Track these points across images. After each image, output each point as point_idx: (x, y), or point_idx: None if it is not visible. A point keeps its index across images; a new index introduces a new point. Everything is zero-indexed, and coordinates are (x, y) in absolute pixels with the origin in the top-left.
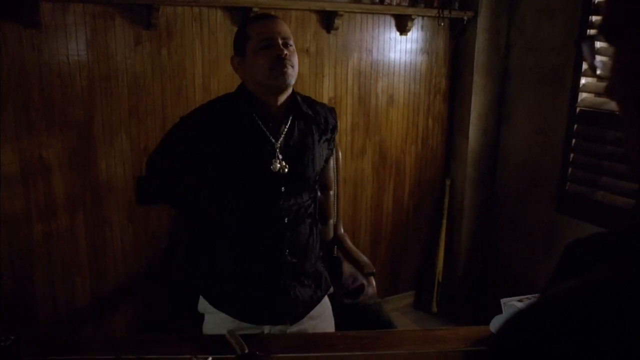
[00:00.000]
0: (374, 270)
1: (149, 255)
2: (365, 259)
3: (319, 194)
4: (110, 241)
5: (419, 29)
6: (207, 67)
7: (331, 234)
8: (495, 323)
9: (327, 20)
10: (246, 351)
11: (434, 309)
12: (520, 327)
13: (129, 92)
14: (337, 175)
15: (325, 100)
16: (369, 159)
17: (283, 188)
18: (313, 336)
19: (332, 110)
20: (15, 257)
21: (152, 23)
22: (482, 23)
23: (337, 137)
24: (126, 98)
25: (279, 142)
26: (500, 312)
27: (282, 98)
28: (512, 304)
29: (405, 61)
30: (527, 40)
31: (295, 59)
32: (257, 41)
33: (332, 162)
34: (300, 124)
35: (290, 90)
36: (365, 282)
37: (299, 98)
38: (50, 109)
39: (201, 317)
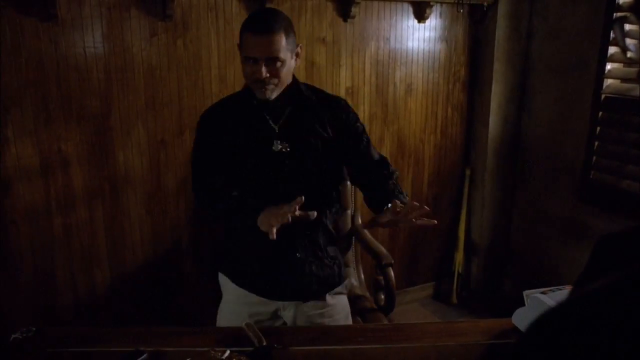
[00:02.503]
0: (392, 262)
1: (167, 246)
2: (383, 250)
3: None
4: (129, 233)
5: (438, 16)
6: (223, 58)
7: (349, 225)
8: (518, 316)
9: (344, 8)
10: (264, 343)
11: (454, 300)
12: (552, 325)
13: (145, 84)
14: None
15: (343, 91)
16: (387, 149)
17: (287, 167)
18: (331, 329)
19: (338, 99)
20: (36, 249)
21: (167, 14)
22: (502, 9)
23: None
24: (142, 90)
25: (278, 125)
26: (522, 304)
27: (274, 95)
28: (535, 296)
29: (424, 49)
30: (550, 27)
31: (281, 74)
32: (244, 54)
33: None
34: (302, 109)
35: (283, 87)
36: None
37: (302, 86)
38: (67, 102)
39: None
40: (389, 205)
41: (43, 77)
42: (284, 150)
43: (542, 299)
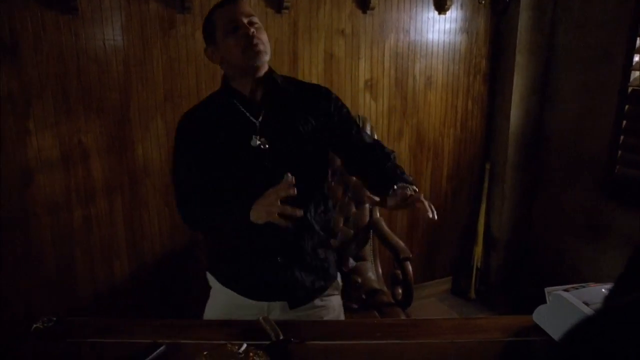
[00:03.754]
0: (411, 255)
1: (185, 238)
2: (401, 243)
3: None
4: (148, 225)
5: (459, 7)
6: None
7: (366, 219)
8: (540, 313)
9: (363, 0)
10: (281, 337)
11: (472, 295)
12: (588, 336)
13: (163, 77)
14: None
15: (362, 83)
16: (406, 142)
17: (267, 163)
18: (349, 324)
19: (319, 87)
20: (57, 241)
21: (185, 6)
22: (525, 0)
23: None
24: (161, 82)
25: (259, 120)
26: (543, 301)
27: (260, 74)
28: (557, 294)
29: (444, 41)
30: (574, 17)
31: (264, 36)
32: (224, 26)
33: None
34: (281, 102)
35: (266, 68)
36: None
37: (278, 78)
38: (87, 94)
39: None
40: (395, 187)
41: (64, 69)
42: (262, 146)
43: (565, 297)
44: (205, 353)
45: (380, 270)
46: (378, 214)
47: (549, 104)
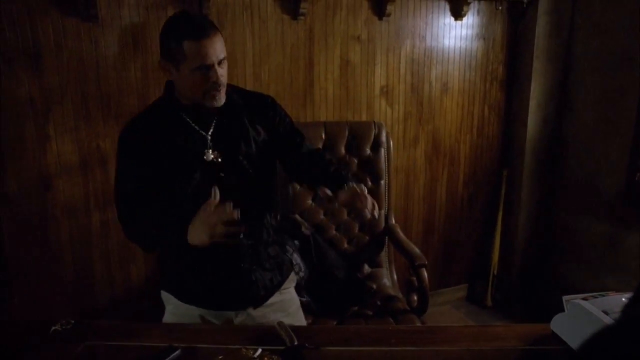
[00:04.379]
0: (426, 262)
1: None
2: (417, 250)
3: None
4: None
5: (475, 13)
6: (258, 56)
7: (382, 225)
8: (558, 322)
9: (379, 6)
10: (295, 343)
11: (488, 302)
12: (607, 346)
13: None
14: (387, 164)
15: (377, 89)
16: (421, 148)
17: (222, 174)
18: (364, 330)
19: (264, 97)
20: (75, 244)
21: (203, 13)
22: (543, 6)
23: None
24: None
25: (209, 133)
26: (561, 309)
27: (224, 100)
28: (576, 302)
29: (460, 47)
30: (593, 23)
31: (225, 71)
32: (193, 61)
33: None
34: (231, 113)
35: None
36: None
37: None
38: (106, 100)
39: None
40: (348, 185)
41: (83, 76)
42: (215, 160)
43: (584, 305)
44: (220, 357)
45: (395, 277)
46: (393, 220)
47: (567, 111)
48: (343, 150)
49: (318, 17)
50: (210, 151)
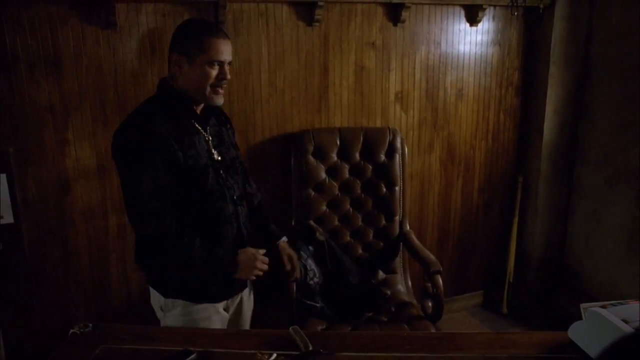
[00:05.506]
0: (441, 269)
1: None
2: (432, 256)
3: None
4: None
5: (491, 19)
6: (273, 62)
7: (396, 231)
8: (575, 330)
9: (394, 12)
10: (310, 348)
11: (504, 310)
12: (627, 355)
13: None
14: (402, 171)
15: (392, 95)
16: (436, 154)
17: (222, 171)
18: (379, 336)
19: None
20: (93, 248)
21: (219, 20)
22: (560, 11)
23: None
24: None
25: (208, 135)
26: (579, 317)
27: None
28: (594, 310)
29: (476, 53)
30: (612, 28)
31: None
32: (209, 54)
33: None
34: (218, 117)
35: None
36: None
37: None
38: (123, 106)
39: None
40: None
41: (101, 82)
42: (218, 158)
43: (602, 314)
44: None
45: (409, 283)
46: (408, 227)
47: (584, 117)
48: (357, 157)
49: (333, 24)
50: (215, 152)
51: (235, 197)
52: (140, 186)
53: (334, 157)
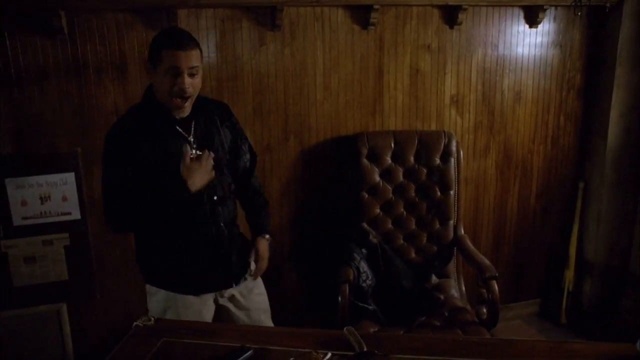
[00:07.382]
0: (497, 274)
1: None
2: (487, 262)
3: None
4: None
5: (551, 20)
6: (328, 65)
7: (451, 235)
8: None
9: (450, 15)
10: (364, 349)
11: (563, 319)
12: None
13: (253, 91)
14: (457, 174)
15: (447, 98)
16: (492, 159)
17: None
18: (433, 340)
19: (222, 103)
20: None
21: (276, 24)
22: (629, 9)
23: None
24: (251, 97)
25: (191, 136)
26: None
27: (188, 112)
28: None
29: (535, 55)
30: None
31: (197, 86)
32: (166, 67)
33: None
34: (204, 118)
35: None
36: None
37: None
38: None
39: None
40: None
41: None
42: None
43: None
44: (291, 359)
45: (463, 289)
46: (462, 231)
47: None
48: (412, 160)
49: (388, 27)
50: (194, 151)
51: (215, 198)
52: (104, 173)
53: (388, 160)
